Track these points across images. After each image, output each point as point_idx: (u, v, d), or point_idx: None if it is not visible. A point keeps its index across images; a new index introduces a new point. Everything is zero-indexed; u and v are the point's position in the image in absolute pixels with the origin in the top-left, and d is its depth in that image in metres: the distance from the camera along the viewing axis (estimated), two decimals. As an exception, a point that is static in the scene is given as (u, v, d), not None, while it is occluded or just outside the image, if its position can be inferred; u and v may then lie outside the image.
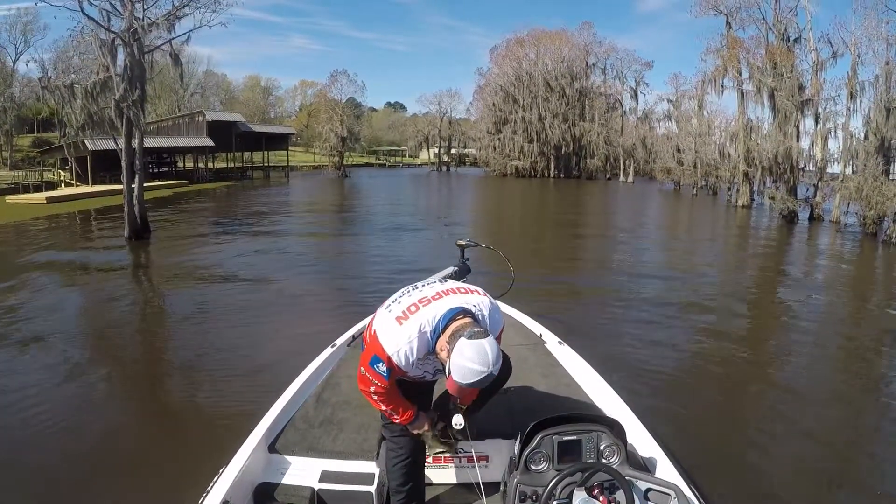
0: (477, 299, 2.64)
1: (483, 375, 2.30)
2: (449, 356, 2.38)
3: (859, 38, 25.34)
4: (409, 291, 2.73)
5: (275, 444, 3.33)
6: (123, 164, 16.50)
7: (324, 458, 3.26)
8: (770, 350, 8.84)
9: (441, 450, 3.13)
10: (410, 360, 2.54)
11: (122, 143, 16.85)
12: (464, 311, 2.51)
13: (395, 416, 2.83)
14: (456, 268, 4.74)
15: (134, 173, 16.96)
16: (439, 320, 2.49)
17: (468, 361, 2.29)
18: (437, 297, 2.59)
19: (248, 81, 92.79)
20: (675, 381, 7.12)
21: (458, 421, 2.79)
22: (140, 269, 14.63)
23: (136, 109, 16.47)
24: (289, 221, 24.61)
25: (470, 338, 2.32)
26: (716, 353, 8.28)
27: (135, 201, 16.83)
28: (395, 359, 2.54)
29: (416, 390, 2.93)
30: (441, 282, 2.79)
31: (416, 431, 2.92)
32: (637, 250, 18.78)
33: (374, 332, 2.66)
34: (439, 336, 2.49)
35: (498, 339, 2.64)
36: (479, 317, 2.56)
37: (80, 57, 20.98)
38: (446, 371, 2.41)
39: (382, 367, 2.58)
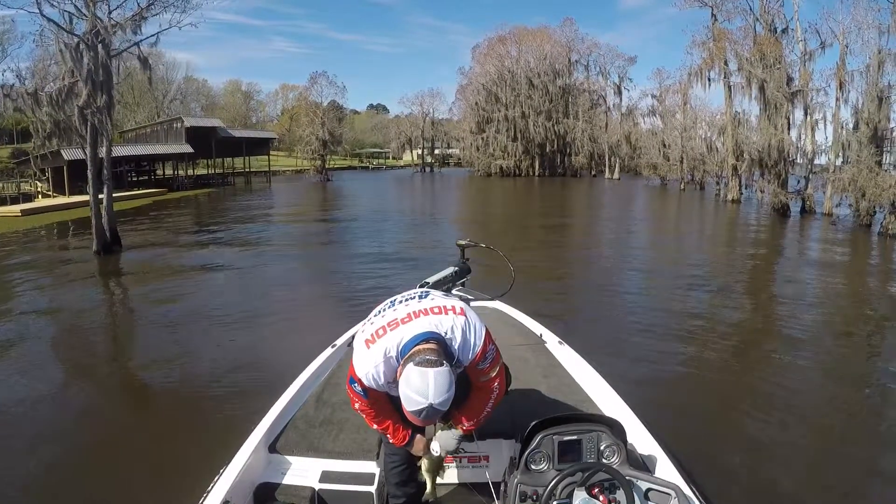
0: (450, 321, 2.45)
1: (421, 406, 2.18)
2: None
3: (847, 28, 25.16)
4: (384, 310, 2.56)
5: (275, 445, 3.33)
6: (90, 174, 15.64)
7: (324, 458, 3.27)
8: (770, 350, 8.66)
9: (427, 482, 2.84)
10: (380, 384, 2.46)
11: (88, 151, 15.98)
12: (429, 337, 2.35)
13: (388, 436, 2.75)
14: (456, 268, 4.54)
15: (102, 183, 16.12)
16: (404, 346, 2.36)
17: (408, 388, 2.20)
18: (407, 319, 2.43)
19: (229, 86, 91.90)
20: (672, 383, 7.14)
21: (434, 448, 2.70)
22: (107, 286, 13.82)
23: (101, 116, 15.62)
24: (272, 227, 24.01)
25: (417, 364, 2.21)
26: (714, 353, 8.22)
27: (103, 213, 15.98)
28: (365, 381, 2.48)
29: None
30: (420, 298, 2.58)
31: (413, 452, 2.80)
32: (628, 249, 18.51)
33: (348, 344, 2.69)
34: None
35: (479, 356, 2.48)
36: (449, 341, 2.41)
37: (57, 64, 20.19)
38: None
39: (358, 388, 2.55)
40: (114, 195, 17.26)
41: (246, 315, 10.20)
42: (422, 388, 2.17)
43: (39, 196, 36.47)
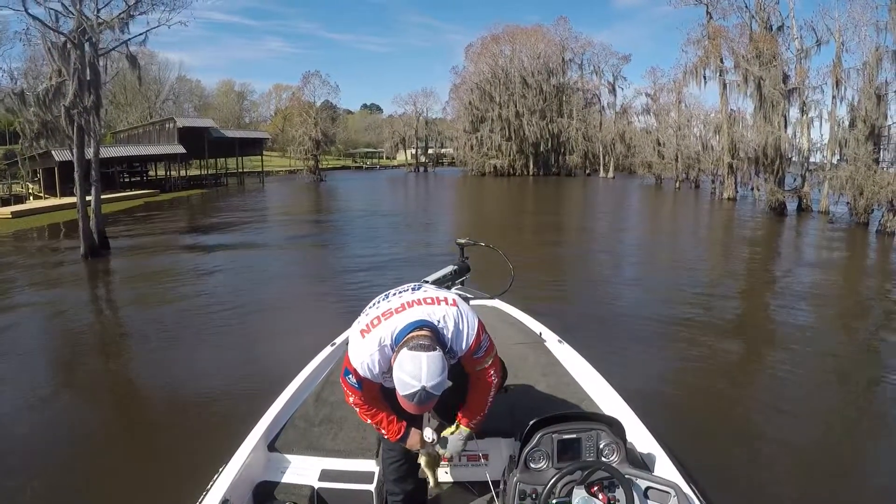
0: (443, 310, 2.51)
1: (414, 390, 2.21)
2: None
3: (843, 25, 25.02)
4: (378, 302, 2.61)
5: (274, 443, 3.33)
6: (76, 175, 15.33)
7: (323, 456, 3.27)
8: (768, 347, 8.71)
9: (428, 477, 2.83)
10: (374, 373, 2.49)
11: (75, 152, 15.66)
12: (422, 325, 2.40)
13: (382, 431, 2.76)
14: (456, 266, 4.65)
15: (90, 185, 15.80)
16: (398, 334, 2.41)
17: (401, 372, 2.24)
18: (401, 309, 2.49)
19: (222, 86, 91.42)
20: (669, 380, 7.17)
21: (428, 435, 2.71)
22: (93, 289, 13.56)
23: (87, 116, 15.31)
24: (264, 229, 23.79)
25: (410, 349, 2.26)
26: (714, 354, 8.18)
27: (91, 215, 15.65)
28: (360, 371, 2.50)
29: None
30: (413, 290, 2.62)
31: (408, 447, 2.80)
32: (624, 247, 18.49)
33: (347, 342, 2.66)
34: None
35: (473, 346, 2.54)
36: (442, 329, 2.46)
37: (47, 65, 19.93)
38: None
39: (352, 379, 2.56)
40: (104, 196, 17.02)
41: (237, 317, 10.07)
42: (415, 371, 2.20)
43: (31, 197, 36.07)
